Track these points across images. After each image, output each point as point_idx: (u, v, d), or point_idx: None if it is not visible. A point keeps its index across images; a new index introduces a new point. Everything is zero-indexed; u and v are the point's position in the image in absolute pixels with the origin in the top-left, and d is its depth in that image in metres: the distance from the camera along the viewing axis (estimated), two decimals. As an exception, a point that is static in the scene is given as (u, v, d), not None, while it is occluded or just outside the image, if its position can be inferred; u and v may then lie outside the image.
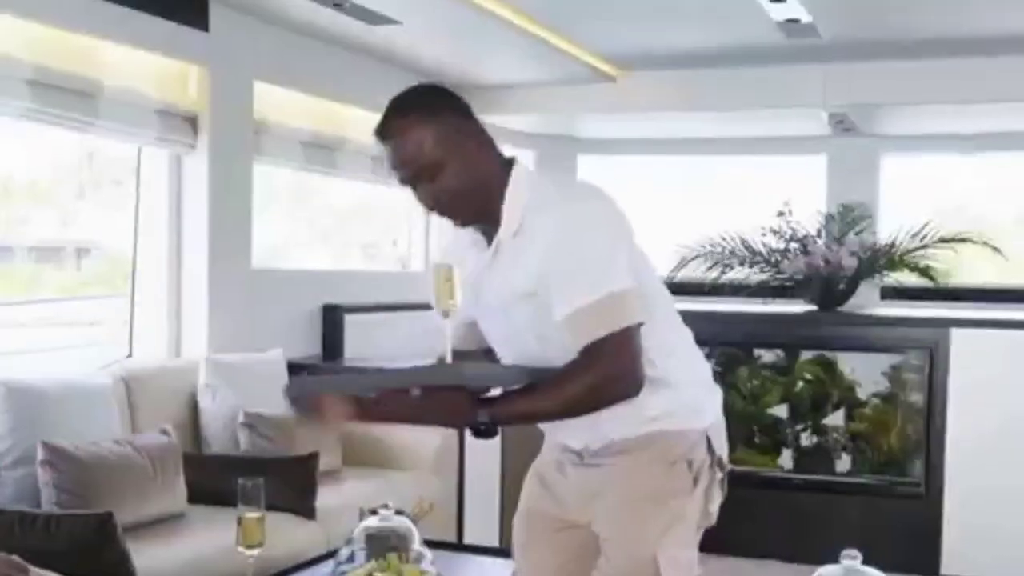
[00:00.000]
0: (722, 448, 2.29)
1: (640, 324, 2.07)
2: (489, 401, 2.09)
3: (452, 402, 2.06)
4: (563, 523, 2.35)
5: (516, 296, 2.13)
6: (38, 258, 4.80)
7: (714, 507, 2.27)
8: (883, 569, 2.34)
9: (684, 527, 2.22)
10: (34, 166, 4.53)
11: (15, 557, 2.47)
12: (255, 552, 2.63)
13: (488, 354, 2.34)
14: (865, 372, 5.29)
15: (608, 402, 2.09)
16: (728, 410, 2.35)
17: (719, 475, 2.28)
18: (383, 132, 2.14)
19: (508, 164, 2.17)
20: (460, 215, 2.18)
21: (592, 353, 2.05)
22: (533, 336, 2.16)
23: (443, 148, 2.09)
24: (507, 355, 2.26)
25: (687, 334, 2.30)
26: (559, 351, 2.09)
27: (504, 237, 2.13)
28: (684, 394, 2.22)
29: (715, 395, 2.33)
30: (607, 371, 2.06)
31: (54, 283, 4.95)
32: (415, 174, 2.12)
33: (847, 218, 5.92)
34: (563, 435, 2.31)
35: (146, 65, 4.29)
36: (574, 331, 2.06)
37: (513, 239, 2.13)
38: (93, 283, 4.92)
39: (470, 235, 2.23)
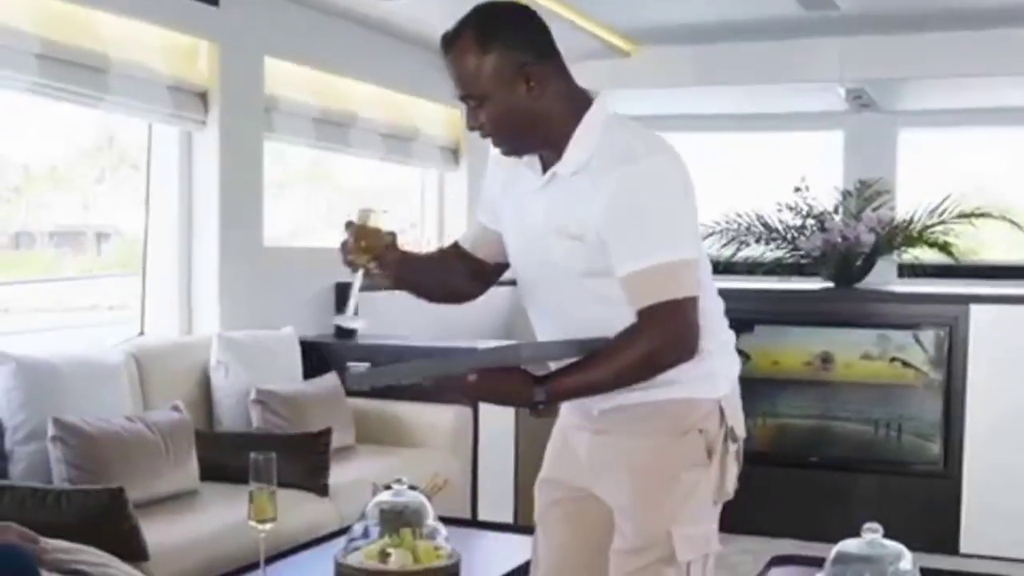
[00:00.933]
0: (736, 419, 2.23)
1: (695, 297, 2.04)
2: (544, 379, 2.07)
3: (509, 383, 2.06)
4: (577, 492, 2.31)
5: (560, 232, 2.08)
6: (58, 243, 4.79)
7: (730, 480, 2.23)
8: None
9: (698, 501, 2.17)
10: (54, 152, 4.51)
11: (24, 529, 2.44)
12: (267, 527, 2.60)
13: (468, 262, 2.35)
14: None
15: (661, 370, 2.07)
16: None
17: (733, 447, 2.22)
18: (446, 43, 2.09)
19: (585, 103, 2.11)
20: (503, 145, 2.15)
21: (646, 320, 2.02)
22: (562, 272, 2.11)
23: (494, 81, 2.04)
24: (525, 276, 2.23)
25: (720, 302, 2.25)
26: (586, 294, 2.08)
27: (562, 171, 2.08)
28: (702, 363, 2.14)
29: (733, 365, 2.27)
30: (661, 340, 2.03)
31: (74, 267, 4.94)
32: (463, 97, 2.09)
33: (864, 194, 5.86)
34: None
35: (156, 40, 4.24)
36: (631, 292, 2.03)
37: (571, 176, 2.08)
38: (112, 267, 4.90)
39: (523, 166, 2.18)
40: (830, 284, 5.58)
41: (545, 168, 2.13)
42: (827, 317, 5.39)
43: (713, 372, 2.20)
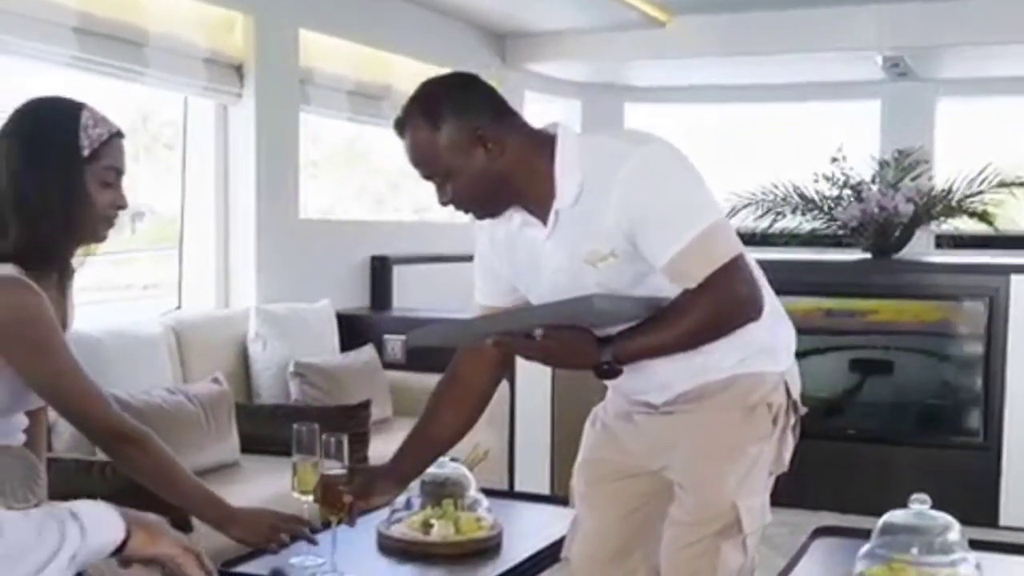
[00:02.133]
0: (797, 392, 2.24)
1: (742, 253, 2.03)
2: (609, 340, 2.05)
3: (576, 342, 2.03)
4: (627, 471, 2.31)
5: (592, 259, 2.05)
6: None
7: (787, 452, 2.24)
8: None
9: (759, 472, 2.19)
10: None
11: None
12: (310, 498, 2.60)
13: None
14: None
15: (729, 328, 2.07)
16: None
17: (792, 420, 2.23)
18: (398, 128, 2.07)
19: (549, 141, 2.07)
20: (477, 211, 2.13)
21: (707, 285, 2.00)
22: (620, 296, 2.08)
23: (452, 153, 2.02)
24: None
25: (763, 277, 2.22)
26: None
27: (562, 207, 2.05)
28: (761, 337, 2.16)
29: (791, 336, 2.27)
30: (726, 297, 2.02)
31: (109, 247, 4.94)
32: (427, 176, 2.08)
33: (903, 164, 5.78)
34: (635, 394, 2.25)
35: (192, 13, 4.25)
36: (678, 277, 2.02)
37: (574, 206, 2.05)
38: (147, 248, 4.92)
39: (516, 217, 2.13)
40: (867, 255, 5.53)
41: (542, 218, 2.09)
42: (864, 288, 5.34)
43: (775, 346, 2.22)
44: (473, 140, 2.02)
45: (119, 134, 2.01)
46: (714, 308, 2.02)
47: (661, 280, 2.04)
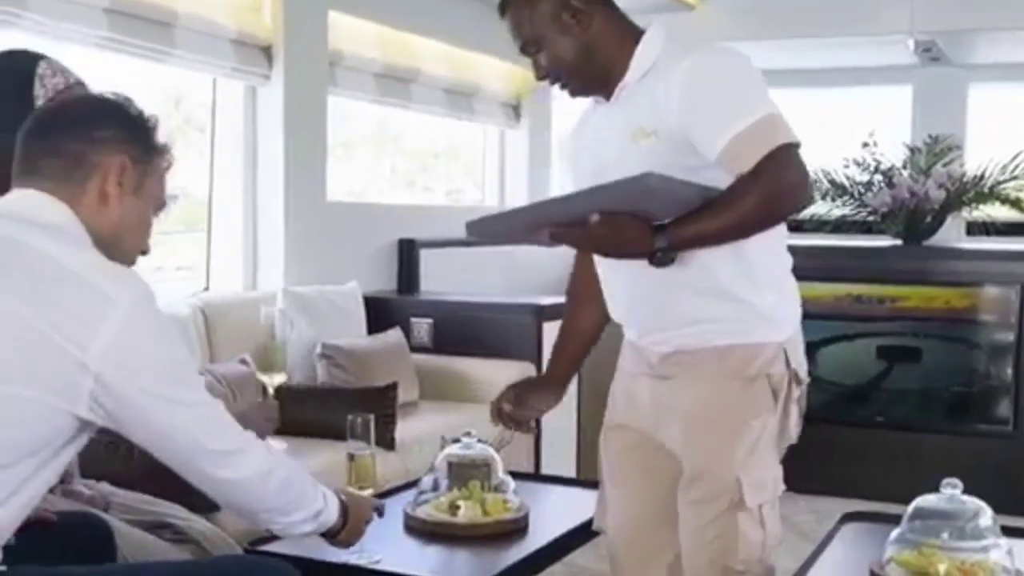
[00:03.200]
0: (799, 362, 2.22)
1: (799, 144, 2.04)
2: (664, 227, 2.06)
3: (630, 229, 2.05)
4: (647, 440, 2.32)
5: (635, 136, 2.13)
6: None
7: (793, 424, 2.23)
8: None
9: (764, 446, 2.18)
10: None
11: (104, 484, 2.47)
12: (370, 491, 2.48)
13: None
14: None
15: (781, 216, 2.10)
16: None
17: (796, 391, 2.22)
18: (500, 7, 2.28)
19: (639, 30, 2.21)
20: (569, 84, 2.25)
21: (759, 170, 2.00)
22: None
23: (545, 23, 2.19)
24: None
25: (786, 253, 2.25)
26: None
27: (629, 79, 2.17)
28: (764, 304, 2.17)
29: (796, 308, 2.26)
30: (779, 181, 2.02)
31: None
32: (522, 47, 2.25)
33: (934, 150, 5.74)
34: (642, 333, 2.28)
35: (220, -7, 4.25)
36: (734, 160, 2.03)
37: (640, 81, 2.16)
38: (179, 230, 4.92)
39: (593, 103, 2.31)
40: (898, 241, 5.49)
41: (610, 97, 2.23)
42: (895, 275, 5.31)
43: (776, 316, 2.20)
44: (563, 10, 2.18)
45: (80, 83, 2.00)
46: (767, 191, 2.02)
47: (709, 174, 2.06)
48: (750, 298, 2.15)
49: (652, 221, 2.05)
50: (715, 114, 2.05)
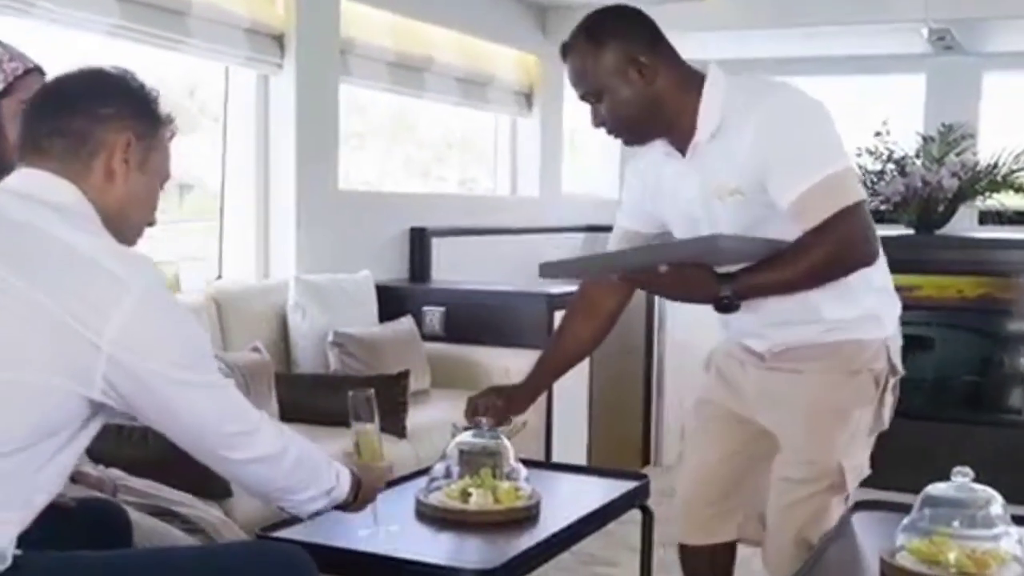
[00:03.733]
0: (897, 355, 2.42)
1: (866, 201, 2.18)
2: (729, 276, 2.19)
3: (697, 278, 2.19)
4: (735, 416, 2.51)
5: (719, 194, 2.21)
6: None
7: (887, 413, 2.44)
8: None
9: (861, 434, 2.40)
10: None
11: (114, 470, 2.48)
12: (385, 463, 2.39)
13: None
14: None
15: (844, 271, 2.21)
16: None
17: (892, 380, 2.41)
18: (563, 50, 2.29)
19: (699, 79, 2.24)
20: (625, 134, 2.31)
21: (826, 227, 2.12)
22: (735, 229, 2.22)
23: (609, 74, 2.21)
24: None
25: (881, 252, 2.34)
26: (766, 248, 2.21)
27: (701, 139, 2.22)
28: (868, 302, 2.33)
29: (896, 306, 2.44)
30: (844, 239, 2.14)
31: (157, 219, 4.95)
32: (583, 95, 2.27)
33: (947, 138, 5.71)
34: (746, 336, 2.42)
35: (233, -18, 4.25)
36: (802, 215, 2.14)
37: (711, 141, 2.21)
38: (194, 219, 4.94)
39: (661, 148, 2.34)
40: (910, 231, 5.47)
41: (681, 150, 2.28)
42: (907, 264, 5.27)
43: (880, 314, 2.38)
44: (629, 64, 2.20)
45: (39, 70, 2.00)
46: (833, 248, 2.14)
47: (782, 226, 2.17)
48: (858, 299, 2.31)
49: (717, 268, 2.19)
50: (785, 168, 2.14)
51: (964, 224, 5.76)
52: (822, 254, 2.15)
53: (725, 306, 2.19)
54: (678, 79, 2.24)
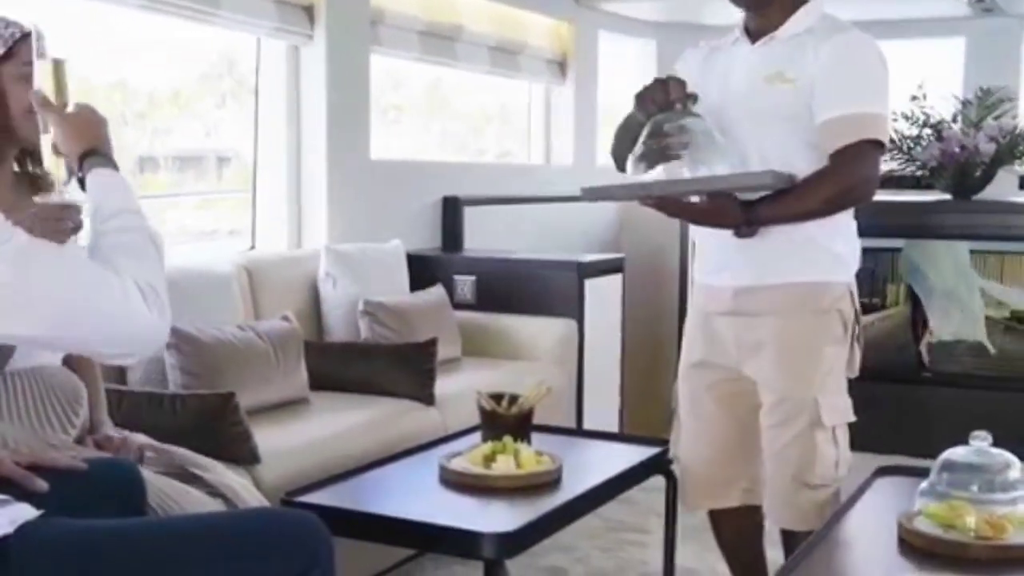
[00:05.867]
0: (857, 304, 2.62)
1: (885, 145, 2.49)
2: (751, 204, 2.47)
3: (726, 207, 2.47)
4: (731, 372, 2.66)
5: (772, 78, 2.48)
6: (181, 167, 4.87)
7: (857, 359, 2.61)
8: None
9: (837, 374, 2.58)
10: (178, 77, 4.58)
11: (139, 435, 2.51)
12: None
13: None
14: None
15: (851, 204, 2.52)
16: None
17: (857, 329, 2.60)
18: None
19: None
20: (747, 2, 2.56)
21: (844, 158, 2.41)
22: (768, 116, 2.49)
23: None
24: (726, 130, 2.51)
25: None
26: (783, 137, 2.48)
27: (781, 35, 2.52)
28: (838, 247, 2.57)
29: (858, 252, 2.64)
30: (860, 175, 2.44)
31: (195, 190, 5.02)
32: None
33: (986, 102, 5.63)
34: (720, 270, 2.62)
35: (261, -47, 4.26)
36: (827, 133, 2.44)
37: (790, 38, 2.51)
38: (232, 191, 4.99)
39: (730, 37, 2.64)
40: (947, 196, 5.41)
41: (752, 38, 2.57)
42: (943, 230, 5.24)
43: (846, 258, 2.60)
44: None
45: (38, 33, 2.00)
46: (849, 182, 2.44)
47: (804, 134, 2.46)
48: (828, 244, 2.55)
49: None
50: (837, 89, 2.43)
51: (1004, 189, 5.67)
52: (836, 187, 2.43)
53: (745, 232, 2.47)
54: None
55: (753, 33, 2.57)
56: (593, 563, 3.69)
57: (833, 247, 2.55)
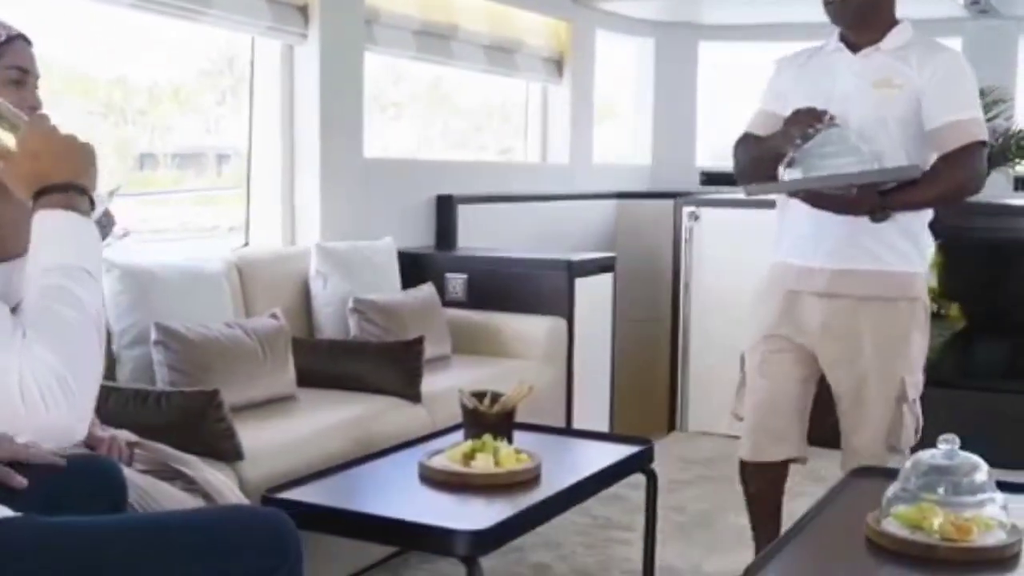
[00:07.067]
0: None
1: (987, 142, 2.82)
2: (884, 193, 2.78)
3: (869, 198, 2.77)
4: (800, 348, 2.98)
5: (880, 84, 2.82)
6: (180, 164, 4.90)
7: (927, 344, 2.96)
8: (1001, 466, 2.30)
9: (919, 354, 2.93)
10: (178, 74, 4.61)
11: (124, 432, 2.53)
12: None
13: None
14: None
15: (967, 195, 2.85)
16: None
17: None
18: None
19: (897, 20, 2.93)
20: (847, 15, 2.88)
21: (959, 157, 2.77)
22: (874, 120, 2.81)
23: None
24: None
25: None
26: (891, 138, 2.80)
27: (885, 47, 2.87)
28: (924, 239, 2.91)
29: (932, 246, 2.98)
30: (972, 171, 2.80)
31: (194, 187, 5.05)
32: None
33: (982, 102, 5.63)
34: (816, 254, 2.91)
35: (254, -48, 4.28)
36: (940, 136, 2.79)
37: (894, 50, 2.86)
38: (232, 188, 5.02)
39: (829, 47, 2.97)
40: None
41: (854, 49, 2.90)
42: (938, 230, 5.24)
43: (926, 252, 2.93)
44: None
45: (23, 38, 1.99)
46: (964, 176, 2.79)
47: (908, 134, 2.81)
48: (918, 236, 2.89)
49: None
50: (948, 97, 2.79)
51: (999, 190, 5.68)
52: (955, 181, 2.78)
53: (879, 218, 2.77)
54: (892, 3, 2.93)
55: (853, 45, 2.91)
56: (578, 560, 3.72)
57: (921, 240, 2.90)
